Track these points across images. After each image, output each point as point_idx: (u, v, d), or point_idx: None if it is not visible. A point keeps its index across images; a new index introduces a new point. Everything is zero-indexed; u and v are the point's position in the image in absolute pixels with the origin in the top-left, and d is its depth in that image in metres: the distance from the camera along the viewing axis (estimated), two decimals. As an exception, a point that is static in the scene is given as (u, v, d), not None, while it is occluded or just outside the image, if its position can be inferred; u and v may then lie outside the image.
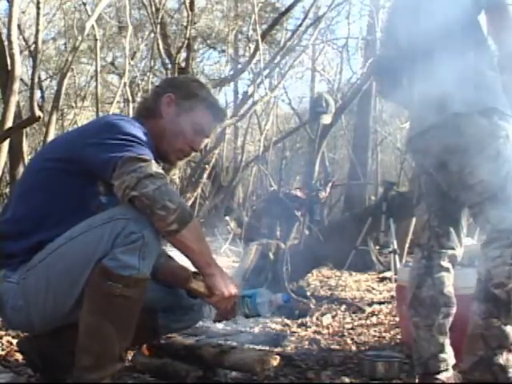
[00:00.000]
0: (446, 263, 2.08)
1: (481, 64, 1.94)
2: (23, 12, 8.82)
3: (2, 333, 2.59)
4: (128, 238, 1.55)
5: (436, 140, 1.98)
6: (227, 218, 8.58)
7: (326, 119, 5.38)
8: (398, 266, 4.84)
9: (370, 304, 4.27)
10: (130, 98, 7.15)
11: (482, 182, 1.89)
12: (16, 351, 2.29)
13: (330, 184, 9.91)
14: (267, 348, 2.69)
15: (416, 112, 2.13)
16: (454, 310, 2.08)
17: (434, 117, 1.98)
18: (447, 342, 2.07)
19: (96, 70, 6.59)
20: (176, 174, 9.88)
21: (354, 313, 3.94)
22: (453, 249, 2.10)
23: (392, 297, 4.30)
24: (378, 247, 7.10)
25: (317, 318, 3.63)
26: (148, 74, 10.04)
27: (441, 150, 1.98)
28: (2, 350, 2.36)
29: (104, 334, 1.58)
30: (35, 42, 5.88)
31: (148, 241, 1.57)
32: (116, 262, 1.55)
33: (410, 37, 2.08)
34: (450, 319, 2.08)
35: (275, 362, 2.24)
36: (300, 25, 8.72)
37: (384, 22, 2.50)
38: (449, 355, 2.07)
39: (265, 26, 9.64)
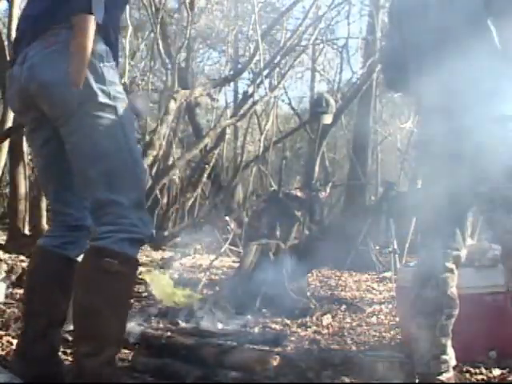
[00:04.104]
0: (450, 264, 2.07)
1: (492, 68, 1.91)
2: (23, 12, 8.81)
3: (2, 333, 2.59)
4: (136, 227, 1.70)
5: (446, 146, 1.96)
6: (227, 218, 8.57)
7: (327, 119, 5.38)
8: (398, 266, 4.83)
9: (370, 304, 4.27)
10: (130, 98, 7.15)
11: (494, 189, 1.88)
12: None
13: (329, 184, 9.91)
14: (267, 348, 2.69)
15: (425, 116, 2.11)
16: (457, 312, 2.07)
17: (443, 123, 1.96)
18: (449, 343, 2.07)
19: (96, 70, 6.58)
20: (176, 174, 9.89)
21: (354, 313, 3.93)
22: (457, 250, 2.09)
23: (392, 297, 4.29)
24: (377, 247, 7.09)
25: (317, 318, 3.63)
26: (148, 73, 10.05)
27: (451, 155, 1.95)
28: (2, 350, 2.36)
29: (101, 314, 1.63)
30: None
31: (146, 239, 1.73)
32: (113, 244, 1.66)
33: (417, 34, 2.06)
34: (453, 320, 2.07)
35: (275, 362, 2.24)
36: (300, 25, 8.73)
37: (389, 11, 2.46)
38: (450, 356, 2.06)
39: (265, 26, 9.64)
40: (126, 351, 2.46)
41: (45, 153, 1.86)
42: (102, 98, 1.69)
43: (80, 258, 1.88)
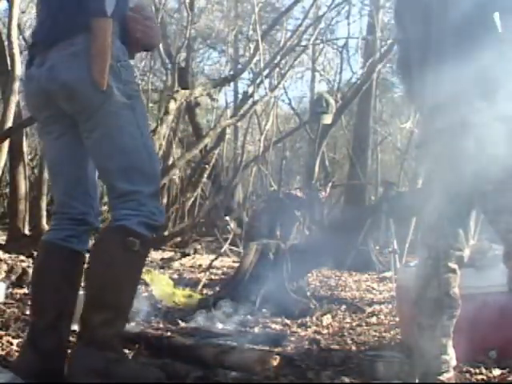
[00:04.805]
0: (452, 264, 2.06)
1: (496, 64, 1.90)
2: (23, 12, 8.81)
3: (2, 333, 2.59)
4: (154, 215, 1.83)
5: (449, 145, 1.95)
6: (227, 217, 8.58)
7: (327, 119, 5.38)
8: (398, 266, 4.83)
9: (370, 304, 4.26)
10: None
11: (497, 189, 1.88)
12: (16, 351, 2.29)
13: (329, 184, 9.90)
14: (267, 348, 2.69)
15: (427, 115, 2.10)
16: (458, 312, 2.06)
17: (446, 121, 1.95)
18: (450, 343, 2.06)
19: (96, 70, 6.59)
20: (176, 174, 9.88)
21: (354, 313, 3.93)
22: (460, 250, 2.08)
23: (392, 297, 4.29)
24: (377, 247, 7.09)
25: (317, 318, 3.63)
26: (148, 74, 10.05)
27: (454, 155, 1.95)
28: (2, 349, 2.36)
29: (120, 286, 1.79)
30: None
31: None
32: (133, 225, 1.79)
33: (420, 30, 2.06)
34: (454, 321, 2.07)
35: (275, 362, 2.24)
36: (300, 25, 8.73)
37: (393, 16, 2.47)
38: (451, 357, 2.06)
39: (265, 26, 9.64)
40: (126, 351, 2.46)
41: (58, 147, 1.95)
42: (120, 97, 1.78)
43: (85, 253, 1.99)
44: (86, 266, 1.92)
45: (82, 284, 1.95)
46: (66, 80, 1.76)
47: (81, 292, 1.95)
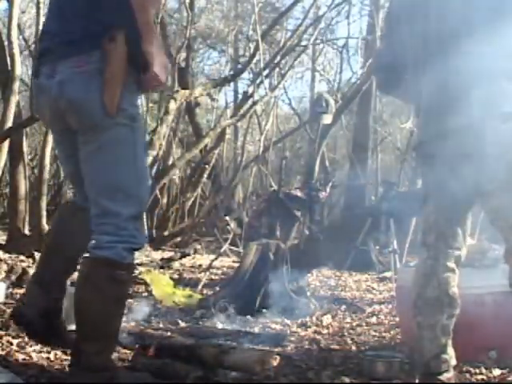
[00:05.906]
0: (451, 264, 2.08)
1: (499, 62, 1.90)
2: (23, 12, 8.81)
3: (2, 333, 2.59)
4: (135, 238, 1.87)
5: (450, 146, 1.95)
6: (227, 217, 8.58)
7: (327, 119, 5.37)
8: (398, 266, 4.83)
9: (370, 304, 4.27)
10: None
11: (500, 189, 1.89)
12: (16, 351, 2.29)
13: (329, 184, 9.89)
14: (267, 348, 2.69)
15: (427, 115, 2.10)
16: (457, 311, 2.07)
17: (448, 121, 1.95)
18: (450, 342, 2.07)
19: (96, 70, 6.58)
20: (176, 174, 9.88)
21: (354, 313, 3.93)
22: (458, 249, 2.09)
23: (392, 297, 4.29)
24: (377, 247, 7.09)
25: (317, 318, 3.63)
26: (148, 74, 10.01)
27: (455, 156, 1.94)
28: (2, 349, 2.36)
29: (115, 319, 1.88)
30: (35, 42, 5.87)
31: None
32: (118, 255, 1.82)
33: (419, 35, 2.06)
34: (454, 320, 2.07)
35: (275, 362, 2.24)
36: (300, 25, 8.73)
37: (386, 17, 2.48)
38: (450, 356, 2.06)
39: (265, 26, 9.64)
40: (126, 351, 2.46)
41: (73, 161, 1.98)
42: (122, 119, 1.80)
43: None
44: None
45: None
46: (75, 98, 1.78)
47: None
